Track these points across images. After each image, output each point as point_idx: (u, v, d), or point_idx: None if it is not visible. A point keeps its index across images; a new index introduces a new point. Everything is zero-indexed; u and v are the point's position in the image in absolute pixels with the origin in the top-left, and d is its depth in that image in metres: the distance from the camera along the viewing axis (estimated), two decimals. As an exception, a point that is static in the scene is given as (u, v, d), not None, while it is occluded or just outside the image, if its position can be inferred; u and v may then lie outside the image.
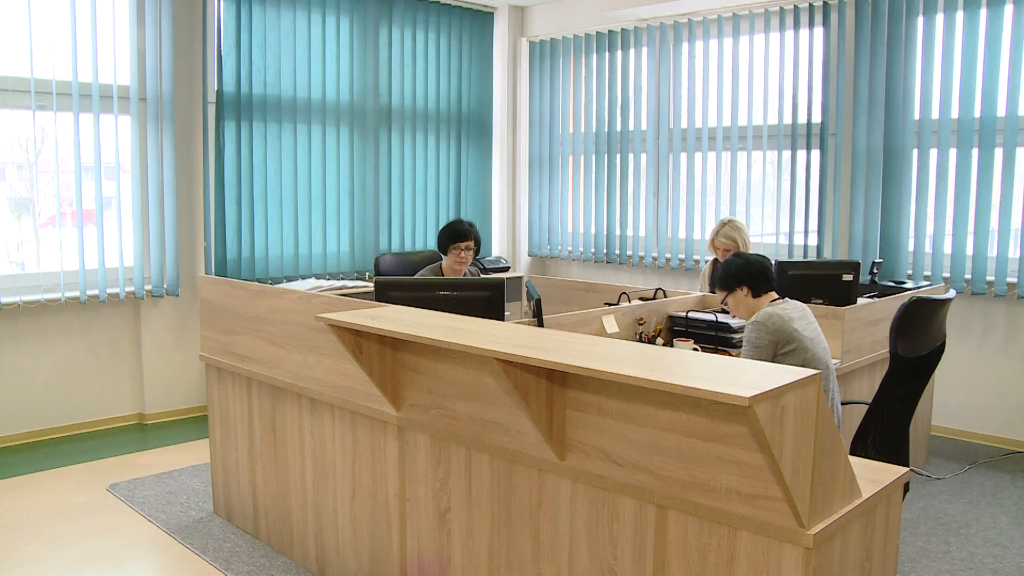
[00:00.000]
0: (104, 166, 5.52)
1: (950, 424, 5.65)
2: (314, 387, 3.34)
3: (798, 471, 1.94)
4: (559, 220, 7.74)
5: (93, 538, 3.87)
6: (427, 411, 2.83)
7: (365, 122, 6.70)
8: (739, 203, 6.57)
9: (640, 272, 7.17)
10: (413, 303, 3.14)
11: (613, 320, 3.99)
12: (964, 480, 4.78)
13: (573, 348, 2.29)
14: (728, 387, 1.82)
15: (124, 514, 4.15)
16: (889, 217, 5.77)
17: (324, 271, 6.48)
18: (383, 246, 6.87)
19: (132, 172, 5.63)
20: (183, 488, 4.50)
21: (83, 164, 5.45)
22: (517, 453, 2.53)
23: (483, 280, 3.33)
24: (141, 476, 4.68)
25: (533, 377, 2.30)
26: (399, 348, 2.89)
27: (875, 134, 5.78)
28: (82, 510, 4.20)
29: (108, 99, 5.50)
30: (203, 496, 4.38)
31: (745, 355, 3.28)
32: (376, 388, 2.92)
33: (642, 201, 7.10)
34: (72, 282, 5.49)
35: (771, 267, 3.46)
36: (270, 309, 3.56)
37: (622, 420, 2.23)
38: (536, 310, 3.44)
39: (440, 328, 2.59)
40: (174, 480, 4.62)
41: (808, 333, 3.28)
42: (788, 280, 4.24)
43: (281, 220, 6.21)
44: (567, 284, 4.96)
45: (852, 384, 4.15)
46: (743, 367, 2.07)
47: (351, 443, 3.20)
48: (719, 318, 4.09)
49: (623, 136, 7.19)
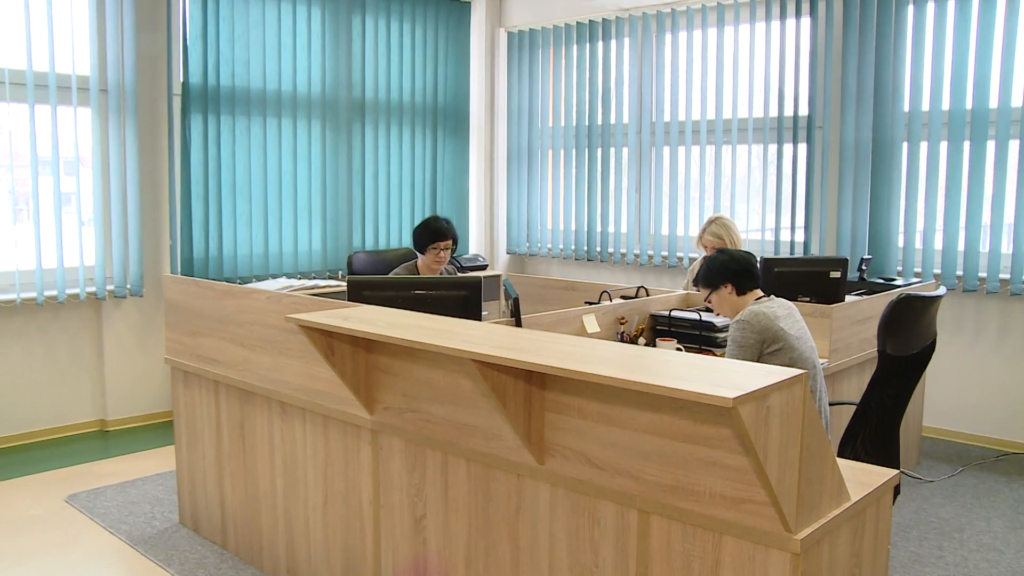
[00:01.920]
0: (63, 160, 5.48)
1: (942, 425, 5.70)
2: (284, 390, 3.33)
3: (784, 474, 1.95)
4: (538, 216, 7.75)
5: (50, 553, 3.82)
6: (402, 415, 2.83)
7: (338, 115, 6.68)
8: (724, 198, 6.60)
9: (622, 270, 7.19)
10: (387, 303, 3.13)
11: (594, 319, 4.00)
12: (957, 482, 4.81)
13: (552, 348, 2.29)
14: (711, 388, 1.83)
15: (83, 526, 4.11)
16: (878, 212, 5.82)
17: (295, 270, 6.46)
18: (356, 244, 6.85)
19: (93, 167, 5.59)
20: (147, 497, 4.47)
21: (40, 158, 5.40)
22: (495, 457, 2.53)
23: (460, 279, 3.33)
24: (102, 486, 4.64)
25: (511, 379, 2.31)
26: (373, 350, 2.88)
27: (863, 127, 5.82)
28: (38, 523, 4.15)
29: (66, 90, 5.45)
30: (168, 506, 4.35)
31: (729, 355, 3.30)
32: (349, 391, 2.91)
33: (624, 197, 7.12)
34: (28, 282, 5.44)
35: (756, 264, 3.48)
36: (238, 310, 3.54)
37: (603, 423, 2.24)
38: (514, 310, 3.45)
39: (415, 328, 2.59)
40: (137, 489, 4.59)
41: (795, 332, 3.30)
42: (774, 277, 4.27)
43: (250, 217, 6.18)
44: (546, 282, 4.96)
45: (840, 384, 4.18)
46: (727, 367, 2.08)
47: (323, 448, 3.19)
48: (703, 317, 4.11)
49: (604, 130, 7.21)
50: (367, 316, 2.82)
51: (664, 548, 2.17)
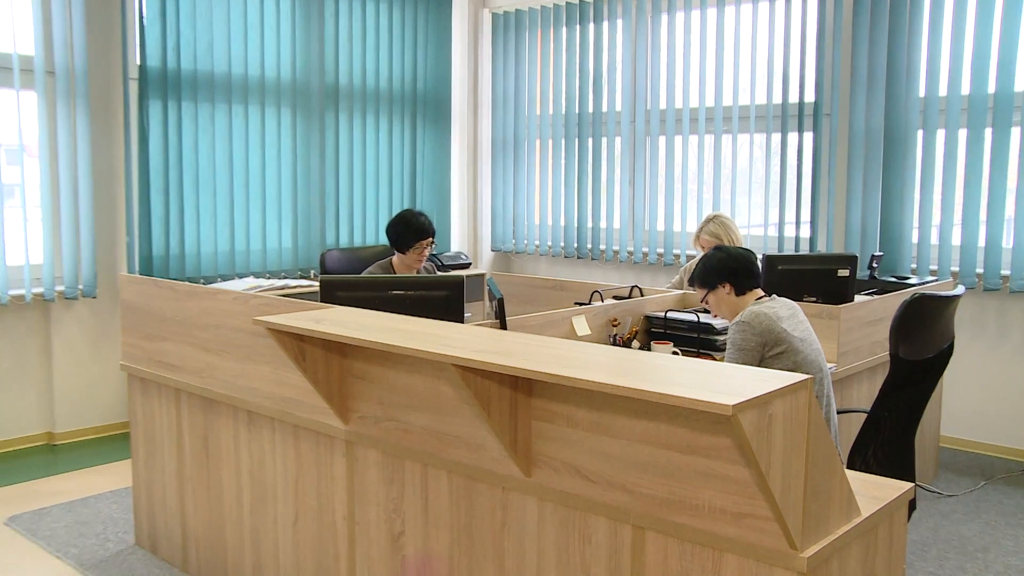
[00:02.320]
0: (4, 148, 5.45)
1: (961, 435, 5.72)
2: (252, 399, 3.33)
3: (789, 487, 1.97)
4: (525, 211, 7.76)
5: (-13, 580, 3.78)
6: (378, 424, 2.83)
7: (309, 103, 6.67)
8: (724, 191, 6.63)
9: (614, 268, 7.21)
10: (363, 304, 3.14)
11: (584, 321, 4.02)
12: (979, 498, 4.81)
13: (539, 352, 2.30)
14: (710, 394, 1.84)
15: (25, 551, 4.05)
16: (890, 206, 5.85)
17: (263, 269, 6.45)
18: (330, 241, 6.85)
19: (40, 156, 5.57)
20: (99, 517, 4.45)
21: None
22: (478, 469, 2.54)
23: (441, 278, 3.34)
24: (48, 505, 4.60)
25: (495, 385, 2.32)
26: (347, 354, 2.89)
27: (875, 113, 5.85)
28: (-25, 548, 4.10)
29: (7, 71, 5.42)
30: (123, 525, 4.34)
31: (729, 359, 3.32)
32: (322, 399, 2.92)
33: (616, 190, 7.15)
34: (-27, 283, 5.42)
35: (756, 262, 3.50)
36: (202, 312, 3.54)
37: (594, 432, 2.25)
38: (499, 311, 3.46)
39: (392, 331, 2.60)
40: (89, 508, 4.57)
41: (799, 333, 3.33)
42: (777, 276, 4.29)
43: (215, 212, 6.17)
44: (533, 282, 4.98)
45: (849, 390, 4.21)
46: (726, 372, 2.10)
47: (294, 461, 3.20)
48: (701, 319, 4.13)
49: (596, 118, 7.23)
50: (341, 318, 2.82)
51: (660, 566, 2.19)
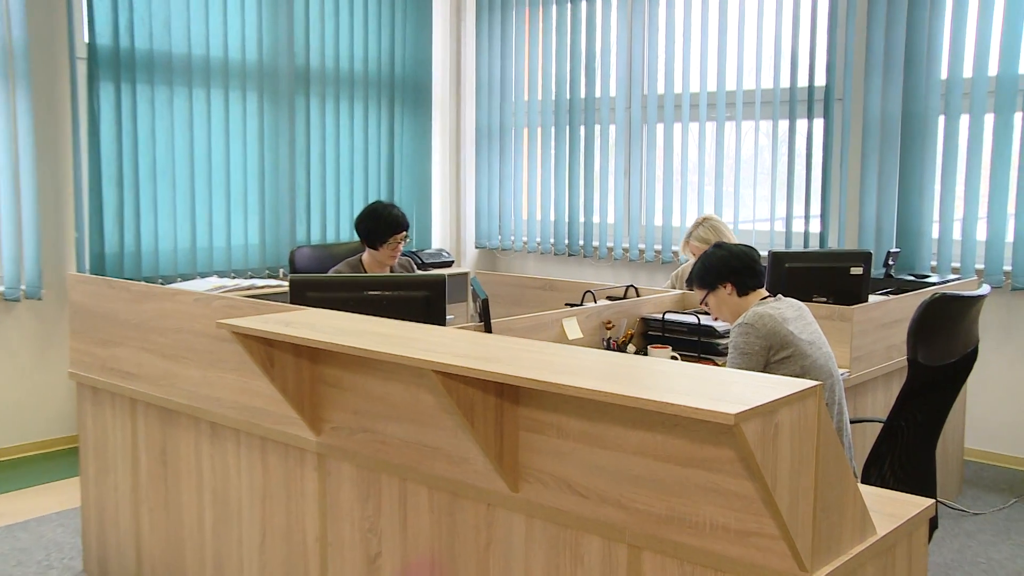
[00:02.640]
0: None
1: (988, 447, 5.71)
2: (215, 409, 3.33)
3: (797, 502, 1.98)
4: (512, 205, 7.77)
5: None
6: (353, 435, 2.84)
7: (277, 87, 6.66)
8: (727, 183, 6.65)
9: (608, 267, 7.22)
10: (336, 305, 3.14)
11: (575, 324, 4.03)
12: (1009, 517, 4.78)
13: (527, 358, 2.31)
14: (710, 402, 1.85)
15: (-42, 581, 4.02)
16: (908, 198, 5.85)
17: (228, 268, 6.44)
18: (300, 237, 6.84)
19: (-18, 146, 5.55)
20: (42, 542, 4.42)
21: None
22: (461, 484, 2.55)
23: (421, 278, 3.35)
24: (-14, 529, 4.58)
25: (479, 393, 2.33)
26: (319, 360, 2.90)
27: (892, 98, 5.85)
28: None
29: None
30: (70, 551, 4.31)
31: (731, 364, 3.34)
32: (291, 409, 2.92)
33: (611, 182, 7.16)
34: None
35: (759, 259, 3.52)
36: (160, 314, 3.53)
37: (586, 443, 2.26)
38: (483, 313, 3.47)
39: (368, 335, 2.60)
40: (30, 532, 4.53)
41: (806, 336, 3.35)
42: (784, 274, 4.31)
43: (174, 205, 6.16)
44: (521, 281, 4.99)
45: (864, 398, 4.23)
46: (729, 378, 2.11)
47: (261, 476, 3.20)
48: (702, 321, 4.15)
49: (588, 104, 7.24)
50: (312, 321, 2.83)
51: (658, 588, 2.20)
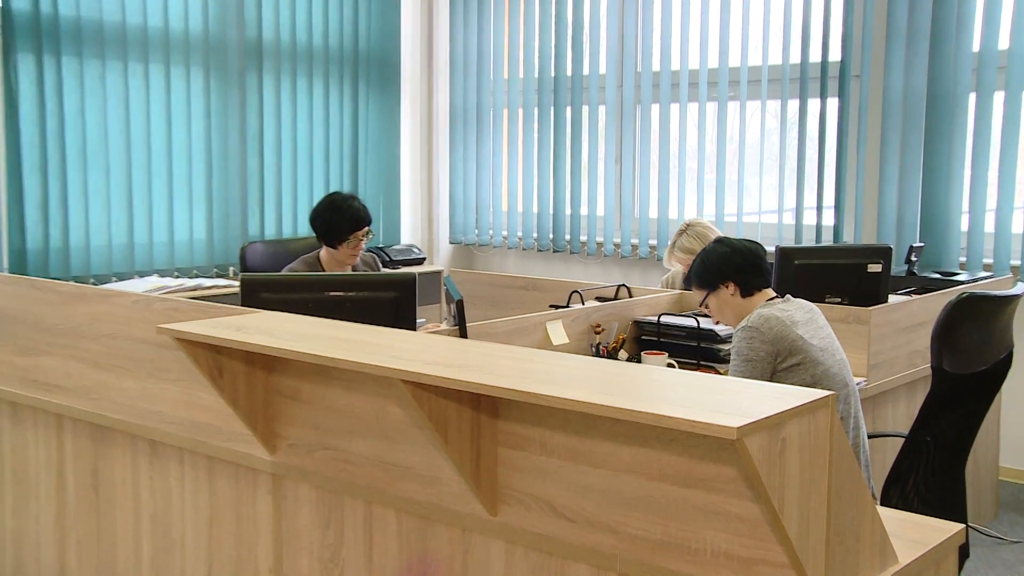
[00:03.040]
0: None
1: (1027, 467, 5.71)
2: (156, 425, 3.31)
3: (808, 527, 1.99)
4: (490, 195, 7.76)
5: None
6: (312, 453, 2.83)
7: (226, 62, 6.64)
8: (730, 170, 6.67)
9: (598, 264, 7.23)
10: (293, 308, 3.14)
11: (561, 328, 4.04)
12: (1051, 545, 4.76)
13: (507, 365, 2.32)
14: (710, 414, 1.86)
15: None
16: (934, 186, 5.84)
17: (171, 266, 6.41)
18: (253, 232, 6.82)
19: None
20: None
21: None
22: (434, 507, 2.55)
23: (388, 277, 3.35)
24: None
25: (454, 405, 2.32)
26: (274, 369, 2.89)
27: (915, 74, 5.83)
28: None
29: None
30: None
31: (734, 372, 3.35)
32: (242, 424, 2.91)
33: (601, 169, 7.17)
34: None
35: (765, 256, 3.54)
36: (93, 319, 3.51)
37: (572, 460, 2.26)
38: (458, 315, 3.47)
39: (329, 341, 2.60)
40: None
41: (818, 341, 3.36)
42: (793, 272, 4.32)
43: (107, 196, 6.12)
44: (500, 280, 5.00)
45: (883, 410, 4.25)
46: (731, 388, 2.12)
47: (207, 500, 3.19)
48: (702, 324, 4.16)
49: (576, 83, 7.24)
50: (267, 325, 2.82)
51: (653, 622, 2.20)
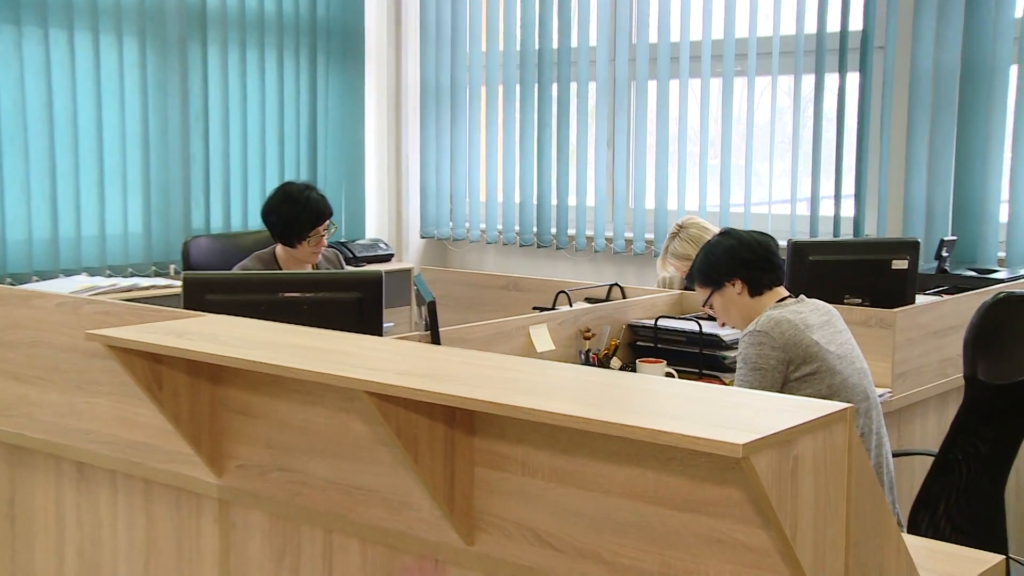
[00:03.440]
0: None
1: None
2: (84, 445, 3.29)
3: (823, 557, 1.99)
4: (466, 184, 7.76)
5: None
6: (265, 475, 2.83)
7: (164, 30, 6.61)
8: (736, 155, 6.68)
9: (587, 261, 7.23)
10: (243, 311, 3.13)
11: (546, 332, 4.04)
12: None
13: (485, 375, 2.32)
14: (713, 429, 1.85)
15: None
16: (968, 172, 5.85)
17: (102, 263, 6.39)
18: (196, 225, 6.80)
19: None
20: None
21: None
22: (402, 535, 2.54)
23: (351, 276, 3.35)
24: None
25: (425, 420, 2.32)
26: (221, 381, 2.88)
27: (948, 45, 5.83)
28: None
29: None
30: None
31: (741, 382, 3.36)
32: (185, 443, 2.90)
33: (591, 154, 7.16)
34: None
35: (776, 250, 3.54)
36: (10, 324, 3.49)
37: (559, 482, 2.26)
38: (430, 319, 3.46)
39: (284, 348, 2.60)
40: None
41: (835, 347, 3.37)
42: (809, 270, 4.33)
43: (27, 184, 6.09)
44: (478, 280, 5.00)
45: (910, 426, 4.26)
46: (737, 400, 2.13)
47: (144, 530, 3.17)
48: (705, 328, 4.17)
49: (563, 56, 7.24)
50: (213, 330, 2.81)
51: (650, 664, 2.20)
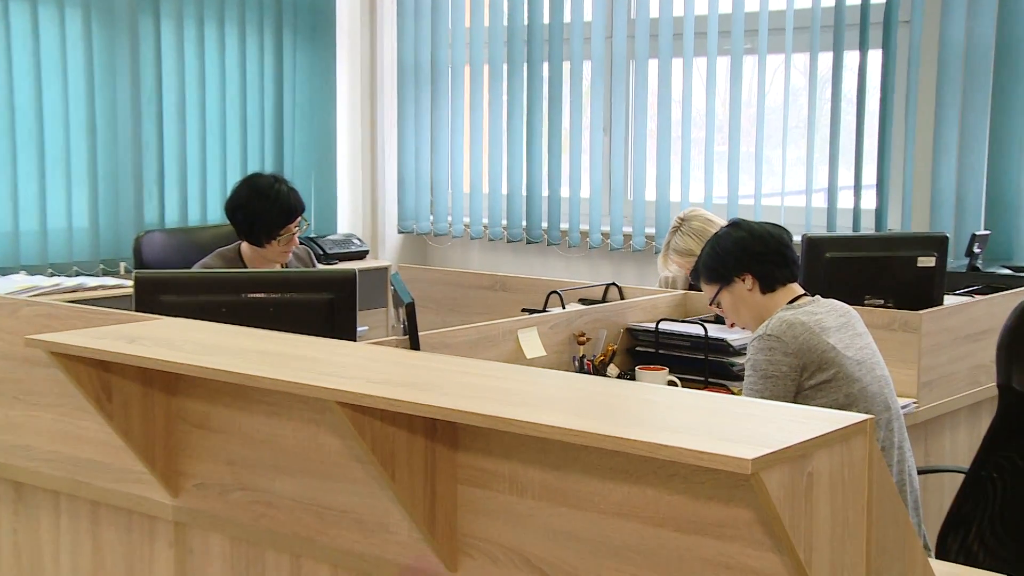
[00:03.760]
0: None
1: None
2: (23, 463, 3.29)
3: (841, 581, 2.00)
4: (448, 173, 7.75)
5: None
6: (226, 495, 2.82)
7: (112, 2, 6.60)
8: (745, 141, 6.67)
9: (582, 258, 7.23)
10: (202, 313, 3.12)
11: (536, 337, 4.04)
12: None
13: (469, 384, 2.32)
14: (719, 443, 1.85)
15: None
16: (1003, 160, 5.88)
17: (43, 261, 6.38)
18: (150, 219, 6.79)
19: None
20: None
21: None
22: (378, 560, 2.54)
23: (322, 275, 3.34)
24: None
25: (403, 433, 2.32)
26: (178, 391, 2.87)
27: (981, 17, 5.85)
28: None
29: None
30: None
31: (750, 391, 3.36)
32: (137, 460, 2.90)
33: (585, 140, 7.16)
34: None
35: (790, 242, 3.54)
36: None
37: (550, 501, 2.26)
38: (408, 322, 3.46)
39: (248, 355, 2.59)
40: None
41: (854, 352, 3.37)
42: (825, 267, 4.34)
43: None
44: (461, 279, 5.00)
45: (938, 440, 4.26)
46: (746, 411, 2.13)
47: (90, 557, 3.17)
48: (710, 332, 4.17)
49: (554, 32, 7.24)
50: (168, 335, 2.81)
51: None
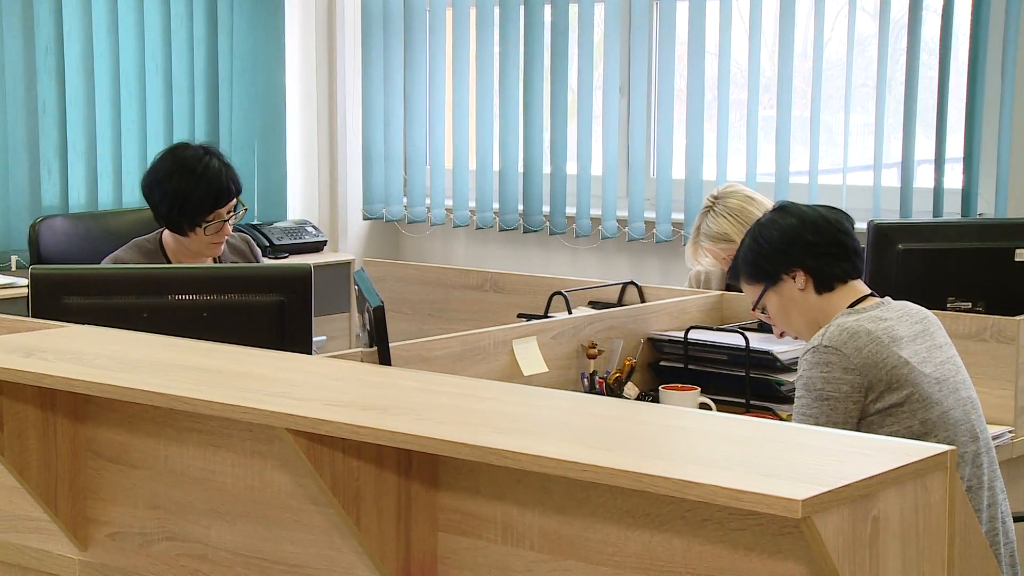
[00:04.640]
0: None
1: None
2: None
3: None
4: (426, 147, 7.77)
5: None
6: (148, 547, 2.84)
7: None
8: (798, 104, 6.68)
9: (592, 250, 7.24)
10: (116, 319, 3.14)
11: (535, 349, 4.06)
12: None
13: (452, 407, 2.34)
14: (763, 480, 1.88)
15: None
16: None
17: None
18: (49, 202, 6.82)
19: None
20: None
21: None
22: (339, 629, 2.57)
23: (269, 272, 3.36)
24: None
25: (371, 468, 2.33)
26: (86, 417, 2.89)
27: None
28: None
29: None
30: None
31: (802, 415, 3.37)
32: (36, 503, 2.92)
33: (597, 104, 7.18)
34: None
35: (851, 231, 3.55)
36: None
37: (552, 552, 2.28)
38: (376, 330, 3.47)
39: (176, 370, 2.61)
40: None
41: (932, 369, 3.39)
42: (897, 261, 4.36)
43: None
44: (443, 276, 5.01)
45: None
46: (796, 440, 2.15)
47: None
48: (752, 342, 4.19)
49: (558, -32, 7.28)
50: (75, 347, 2.83)
51: None
